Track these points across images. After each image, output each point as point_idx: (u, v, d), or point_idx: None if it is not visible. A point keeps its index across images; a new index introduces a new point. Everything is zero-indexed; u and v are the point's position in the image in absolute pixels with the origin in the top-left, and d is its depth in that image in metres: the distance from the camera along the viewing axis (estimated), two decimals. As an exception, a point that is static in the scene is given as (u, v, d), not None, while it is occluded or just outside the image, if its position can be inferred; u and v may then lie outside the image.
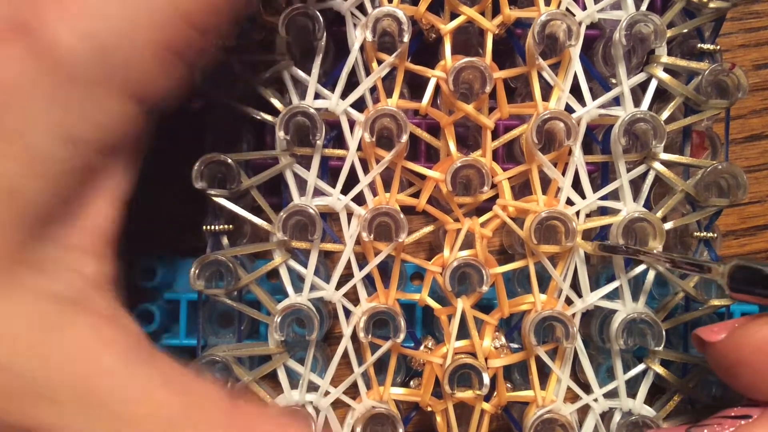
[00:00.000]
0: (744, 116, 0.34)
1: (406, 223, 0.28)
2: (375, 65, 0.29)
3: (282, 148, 0.29)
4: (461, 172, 0.29)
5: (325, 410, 0.30)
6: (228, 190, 0.29)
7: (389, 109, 0.28)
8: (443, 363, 0.29)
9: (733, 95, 0.29)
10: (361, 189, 0.29)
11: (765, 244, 0.34)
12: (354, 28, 0.29)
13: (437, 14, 0.29)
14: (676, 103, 0.29)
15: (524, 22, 0.30)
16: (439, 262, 0.30)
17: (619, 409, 0.30)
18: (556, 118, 0.28)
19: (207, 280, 0.29)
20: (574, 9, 0.29)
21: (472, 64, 0.28)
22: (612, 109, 0.30)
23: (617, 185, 0.30)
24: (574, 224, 0.28)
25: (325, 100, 0.29)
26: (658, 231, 0.28)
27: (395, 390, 0.30)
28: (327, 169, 0.30)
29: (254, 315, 0.30)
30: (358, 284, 0.30)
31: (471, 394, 0.29)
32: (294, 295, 0.30)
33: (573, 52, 0.29)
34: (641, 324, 0.29)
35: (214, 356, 0.28)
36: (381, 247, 0.29)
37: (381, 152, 0.29)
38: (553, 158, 0.29)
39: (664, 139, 0.29)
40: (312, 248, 0.29)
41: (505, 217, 0.30)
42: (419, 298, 0.30)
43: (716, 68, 0.29)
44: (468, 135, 0.32)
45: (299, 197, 0.30)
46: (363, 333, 0.29)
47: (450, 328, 0.29)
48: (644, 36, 0.29)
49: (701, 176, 0.29)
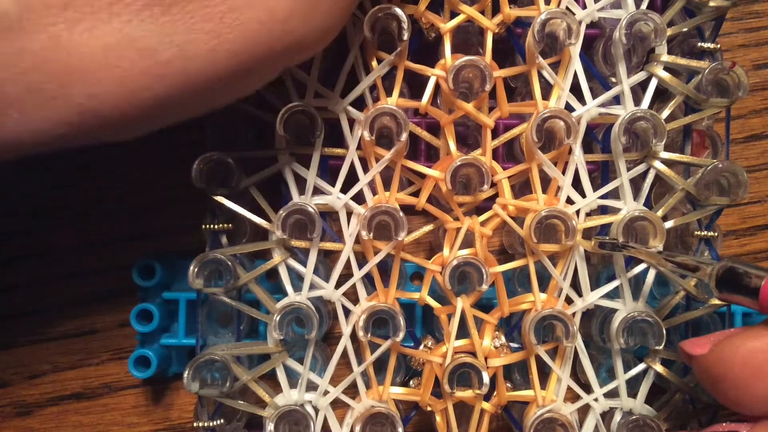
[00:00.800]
0: (744, 116, 0.34)
1: (405, 221, 0.28)
2: (375, 64, 0.29)
3: (281, 146, 0.29)
4: (461, 170, 0.29)
5: (324, 410, 0.30)
6: (227, 188, 0.29)
7: (389, 107, 0.28)
8: (443, 362, 0.29)
9: (734, 94, 0.29)
10: (361, 188, 0.29)
11: (765, 244, 0.34)
12: (353, 27, 0.29)
13: (437, 13, 0.29)
14: (677, 101, 0.29)
15: (524, 20, 0.30)
16: (438, 261, 0.30)
17: (620, 408, 0.30)
18: (556, 117, 0.28)
19: (206, 278, 0.29)
20: (574, 8, 0.29)
21: (472, 63, 0.28)
22: (612, 108, 0.30)
23: (617, 184, 0.30)
24: (574, 223, 0.28)
25: (324, 98, 0.29)
26: (659, 230, 0.28)
27: (395, 389, 0.30)
28: (326, 167, 0.30)
29: (253, 314, 0.30)
30: (357, 283, 0.30)
31: (471, 393, 0.29)
32: (293, 294, 0.30)
33: (573, 51, 0.29)
34: (642, 323, 0.29)
35: (213, 355, 0.28)
36: (380, 245, 0.29)
37: (381, 151, 0.29)
38: (553, 157, 0.29)
39: (664, 138, 0.28)
40: (311, 247, 0.29)
41: (505, 216, 0.30)
42: (419, 297, 0.30)
43: (716, 67, 0.28)
44: (468, 134, 0.32)
45: (299, 196, 0.30)
46: (362, 332, 0.28)
47: (450, 327, 0.29)
48: (644, 35, 0.29)
49: (702, 175, 0.29)
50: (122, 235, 0.34)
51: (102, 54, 0.21)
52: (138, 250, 0.33)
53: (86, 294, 0.34)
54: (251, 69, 0.23)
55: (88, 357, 0.34)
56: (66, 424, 0.34)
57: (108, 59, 0.21)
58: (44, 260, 0.34)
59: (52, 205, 0.34)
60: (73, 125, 0.22)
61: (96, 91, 0.21)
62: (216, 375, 0.28)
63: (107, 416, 0.34)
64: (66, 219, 0.34)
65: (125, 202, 0.34)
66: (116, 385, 0.34)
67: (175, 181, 0.29)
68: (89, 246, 0.34)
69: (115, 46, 0.21)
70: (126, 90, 0.22)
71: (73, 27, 0.21)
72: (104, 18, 0.21)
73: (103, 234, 0.34)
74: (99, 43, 0.21)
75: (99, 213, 0.34)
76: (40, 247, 0.34)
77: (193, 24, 0.22)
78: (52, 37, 0.21)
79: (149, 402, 0.34)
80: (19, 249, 0.34)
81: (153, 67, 0.22)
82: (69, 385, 0.34)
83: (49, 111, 0.22)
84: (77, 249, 0.34)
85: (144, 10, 0.21)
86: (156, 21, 0.21)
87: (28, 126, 0.22)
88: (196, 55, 0.22)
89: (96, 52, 0.21)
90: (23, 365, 0.34)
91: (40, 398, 0.34)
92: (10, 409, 0.34)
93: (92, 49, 0.21)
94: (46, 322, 0.34)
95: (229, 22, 0.22)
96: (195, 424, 0.29)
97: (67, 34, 0.21)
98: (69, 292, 0.34)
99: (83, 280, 0.34)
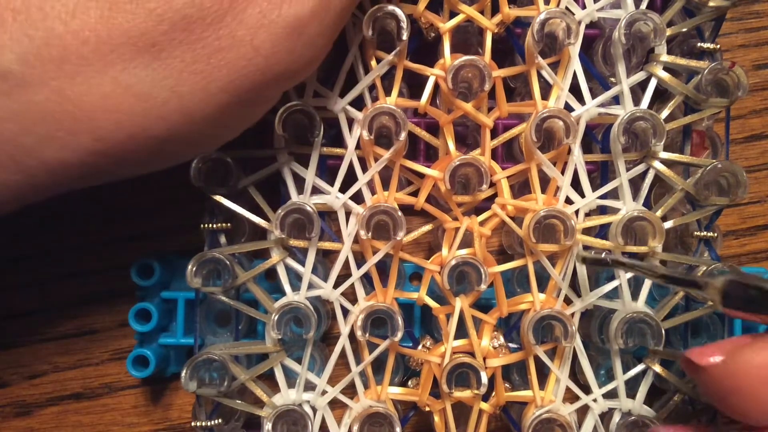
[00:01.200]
0: (744, 116, 0.34)
1: (404, 221, 0.28)
2: (374, 63, 0.29)
3: (280, 145, 0.29)
4: (460, 170, 0.29)
5: (322, 410, 0.30)
6: (226, 188, 0.29)
7: (388, 107, 0.28)
8: (441, 362, 0.29)
9: (733, 94, 0.29)
10: (360, 187, 0.29)
11: (765, 244, 0.34)
12: (353, 27, 0.29)
13: (436, 13, 0.29)
14: (676, 101, 0.29)
15: (523, 20, 0.30)
16: (437, 260, 0.30)
17: (619, 409, 0.30)
18: (556, 117, 0.28)
19: (204, 278, 0.29)
20: (573, 8, 0.29)
21: (471, 63, 0.28)
22: (611, 108, 0.30)
23: (617, 184, 0.30)
24: (573, 223, 0.28)
25: (323, 98, 0.29)
26: (658, 230, 0.28)
27: (393, 389, 0.30)
28: (325, 167, 0.30)
29: (252, 313, 0.30)
30: (356, 283, 0.30)
31: (469, 393, 0.28)
32: (291, 294, 0.30)
33: (572, 51, 0.29)
34: (640, 323, 0.29)
35: (211, 354, 0.28)
36: (379, 245, 0.29)
37: (380, 150, 0.29)
38: (552, 157, 0.29)
39: (663, 138, 0.28)
40: (310, 246, 0.29)
41: (504, 216, 0.30)
42: (418, 297, 0.30)
43: (716, 67, 0.28)
44: (467, 134, 0.32)
45: (297, 195, 0.30)
46: (360, 332, 0.28)
47: (448, 327, 0.29)
48: (644, 35, 0.29)
49: (701, 175, 0.29)
50: (122, 235, 0.34)
51: (101, 102, 0.23)
52: (138, 250, 0.33)
53: (86, 294, 0.34)
54: (245, 100, 0.24)
55: (87, 357, 0.34)
56: (66, 424, 0.34)
57: (108, 106, 0.23)
58: (44, 260, 0.34)
59: (53, 205, 0.34)
60: (88, 165, 0.24)
61: (102, 134, 0.23)
62: (214, 374, 0.28)
63: (107, 416, 0.34)
64: (66, 219, 0.34)
65: (125, 202, 0.34)
66: (116, 385, 0.34)
67: (175, 181, 0.29)
68: (89, 246, 0.34)
69: (111, 93, 0.23)
70: (128, 132, 0.23)
71: (72, 79, 0.23)
72: (99, 69, 0.23)
73: (103, 234, 0.34)
74: (98, 91, 0.23)
75: (99, 213, 0.34)
76: (40, 247, 0.34)
77: (183, 67, 0.23)
78: (55, 90, 0.23)
79: (149, 402, 0.34)
80: (20, 249, 0.34)
81: (151, 110, 0.23)
82: (69, 385, 0.34)
83: (63, 155, 0.24)
84: (77, 249, 0.34)
85: (135, 58, 0.23)
86: (148, 67, 0.23)
87: (48, 170, 0.24)
88: (190, 94, 0.23)
89: (96, 101, 0.23)
90: (23, 365, 0.34)
91: (39, 398, 0.34)
92: (10, 410, 0.34)
93: (92, 98, 0.23)
94: (46, 322, 0.34)
95: (216, 63, 0.23)
96: (193, 423, 0.29)
97: (68, 86, 0.23)
98: (69, 292, 0.34)
99: (83, 280, 0.34)
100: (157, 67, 0.23)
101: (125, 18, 0.22)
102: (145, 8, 0.22)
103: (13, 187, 0.24)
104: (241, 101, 0.24)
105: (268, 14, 0.23)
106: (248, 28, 0.23)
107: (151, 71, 0.23)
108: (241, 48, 0.23)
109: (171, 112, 0.23)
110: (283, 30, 0.23)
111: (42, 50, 0.22)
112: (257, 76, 0.24)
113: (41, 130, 0.23)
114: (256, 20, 0.23)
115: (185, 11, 0.23)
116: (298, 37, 0.24)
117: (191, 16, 0.23)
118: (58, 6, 0.22)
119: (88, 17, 0.22)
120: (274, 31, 0.23)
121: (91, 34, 0.22)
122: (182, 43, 0.23)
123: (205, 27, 0.23)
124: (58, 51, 0.22)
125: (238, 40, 0.23)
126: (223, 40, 0.23)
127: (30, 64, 0.22)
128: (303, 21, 0.24)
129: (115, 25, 0.22)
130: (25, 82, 0.23)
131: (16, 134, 0.23)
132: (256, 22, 0.23)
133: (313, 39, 0.24)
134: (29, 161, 0.24)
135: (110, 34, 0.22)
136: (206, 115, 0.24)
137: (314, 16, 0.24)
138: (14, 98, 0.23)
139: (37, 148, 0.23)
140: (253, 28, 0.23)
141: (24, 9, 0.22)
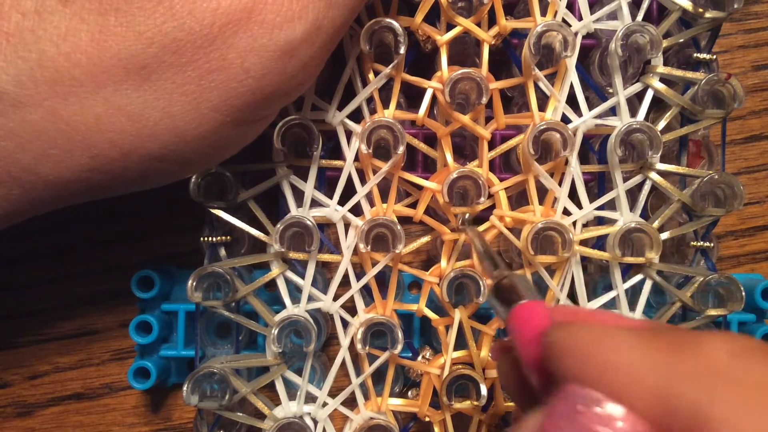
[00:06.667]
0: (743, 117, 0.34)
1: (403, 233, 0.28)
2: (372, 76, 0.29)
3: (279, 159, 0.29)
4: (458, 182, 0.29)
5: (323, 421, 0.30)
6: (225, 201, 0.29)
7: (386, 120, 0.28)
8: (441, 373, 0.29)
9: (729, 105, 0.29)
10: (359, 200, 0.29)
11: (764, 244, 0.34)
12: (350, 40, 0.29)
13: (434, 25, 0.29)
14: (673, 113, 0.30)
15: (520, 32, 0.30)
16: (436, 272, 0.30)
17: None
18: (553, 129, 0.28)
19: (205, 291, 0.29)
20: (570, 19, 0.29)
21: (468, 75, 0.28)
22: (608, 119, 0.30)
23: (614, 195, 0.30)
24: (570, 235, 0.28)
25: (321, 111, 0.29)
26: (655, 242, 0.29)
27: (393, 401, 0.30)
28: (324, 180, 0.30)
29: (252, 326, 0.30)
30: (355, 295, 0.30)
31: (469, 404, 0.29)
32: (291, 306, 0.30)
33: (569, 63, 0.29)
34: (638, 334, 0.29)
35: (212, 368, 0.28)
36: (378, 257, 0.29)
37: (378, 163, 0.29)
38: (549, 168, 0.29)
39: (660, 150, 0.29)
40: (309, 259, 0.29)
41: (502, 227, 0.30)
42: (417, 309, 0.30)
43: (712, 78, 0.29)
44: (465, 145, 0.32)
45: (296, 208, 0.30)
46: (360, 344, 0.29)
47: (448, 338, 0.29)
48: (640, 46, 0.29)
49: (697, 186, 0.29)
50: (122, 236, 0.34)
51: (94, 122, 0.23)
52: (138, 250, 0.33)
53: (87, 294, 0.34)
54: (237, 120, 0.24)
55: (88, 357, 0.34)
56: (66, 424, 0.34)
57: (100, 125, 0.23)
58: (44, 260, 0.34)
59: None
60: (84, 181, 0.24)
61: (96, 152, 0.24)
62: (215, 387, 0.28)
63: (108, 416, 0.34)
64: (66, 219, 0.34)
65: (125, 202, 0.34)
66: (117, 385, 0.34)
67: (176, 181, 0.29)
68: (89, 246, 0.34)
69: (104, 114, 0.23)
70: (121, 151, 0.24)
71: (65, 100, 0.23)
72: (91, 90, 0.23)
73: (103, 234, 0.34)
74: (90, 112, 0.23)
75: (99, 213, 0.34)
76: (40, 248, 0.34)
77: (174, 88, 0.23)
78: (48, 110, 0.23)
79: (150, 403, 0.34)
80: (20, 249, 0.34)
81: (143, 129, 0.23)
82: (70, 385, 0.34)
83: (59, 171, 0.24)
84: (77, 249, 0.34)
85: (126, 80, 0.23)
86: (139, 88, 0.23)
87: (46, 185, 0.24)
88: (181, 114, 0.24)
89: (89, 121, 0.23)
90: (24, 366, 0.34)
91: (40, 398, 0.34)
92: (11, 410, 0.34)
93: (85, 118, 0.23)
94: (46, 322, 0.34)
95: (207, 84, 0.23)
96: (195, 436, 0.29)
97: (61, 107, 0.23)
98: (69, 293, 0.34)
99: (83, 281, 0.34)
100: (148, 88, 0.23)
101: (115, 41, 0.23)
102: (135, 31, 0.23)
103: (13, 202, 0.25)
104: (233, 121, 0.24)
105: (259, 38, 0.23)
106: (238, 52, 0.23)
107: (143, 92, 0.23)
108: (231, 70, 0.23)
109: (163, 132, 0.24)
110: (273, 53, 0.23)
111: (35, 72, 0.23)
112: (248, 96, 0.24)
113: (37, 148, 0.23)
114: (246, 44, 0.23)
115: (175, 34, 0.23)
116: (289, 60, 0.24)
117: (181, 39, 0.23)
118: (50, 29, 0.23)
119: (79, 40, 0.23)
120: (265, 54, 0.23)
121: (82, 57, 0.23)
122: (172, 65, 0.23)
123: (195, 50, 0.23)
124: (51, 73, 0.23)
125: (229, 63, 0.23)
126: (213, 63, 0.23)
127: (24, 85, 0.23)
128: (294, 45, 0.24)
129: (105, 47, 0.23)
130: (19, 103, 0.23)
131: (12, 151, 0.23)
132: (246, 45, 0.23)
133: (304, 61, 0.24)
134: (27, 177, 0.24)
135: (101, 57, 0.23)
136: (198, 134, 0.24)
137: (305, 39, 0.24)
138: (9, 117, 0.23)
139: (34, 165, 0.24)
140: (243, 52, 0.23)
141: (17, 32, 0.23)
